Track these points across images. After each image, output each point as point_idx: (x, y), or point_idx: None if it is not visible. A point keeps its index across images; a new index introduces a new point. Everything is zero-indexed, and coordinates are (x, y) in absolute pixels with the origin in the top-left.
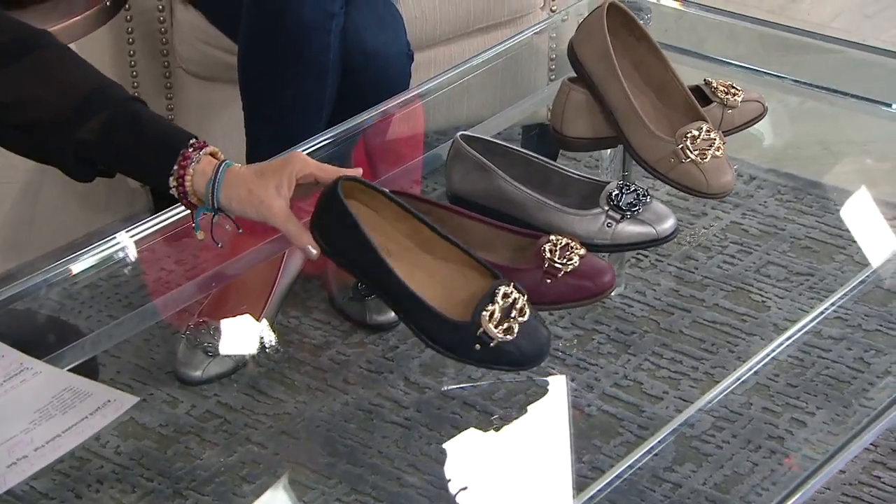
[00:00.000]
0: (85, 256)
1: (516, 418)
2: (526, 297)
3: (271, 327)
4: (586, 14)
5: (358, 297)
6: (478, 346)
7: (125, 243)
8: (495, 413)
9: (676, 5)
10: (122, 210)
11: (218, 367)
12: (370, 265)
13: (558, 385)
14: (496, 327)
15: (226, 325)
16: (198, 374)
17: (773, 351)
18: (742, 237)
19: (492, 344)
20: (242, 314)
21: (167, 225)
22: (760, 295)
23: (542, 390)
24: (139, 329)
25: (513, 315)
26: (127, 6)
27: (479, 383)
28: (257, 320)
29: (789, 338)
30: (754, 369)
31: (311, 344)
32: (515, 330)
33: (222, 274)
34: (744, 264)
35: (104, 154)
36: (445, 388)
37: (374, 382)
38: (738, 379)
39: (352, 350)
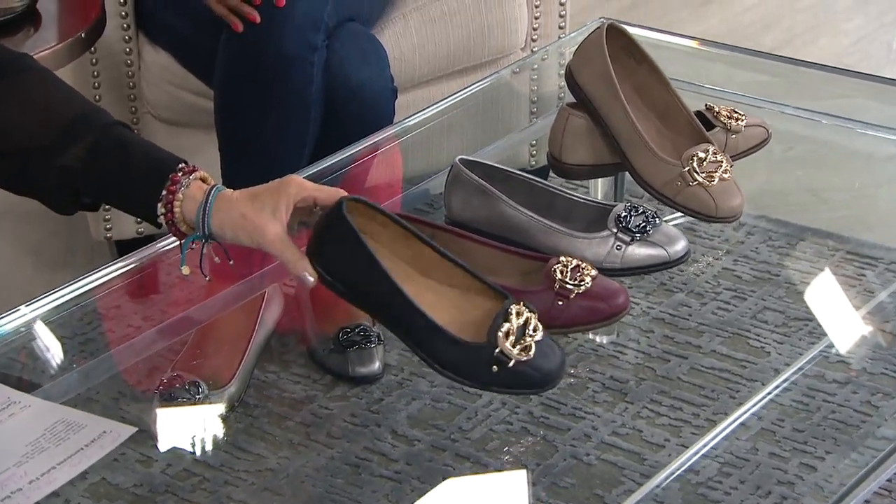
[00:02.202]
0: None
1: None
2: (537, 314)
3: (248, 382)
4: (567, 54)
5: (339, 349)
6: (495, 368)
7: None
8: (489, 464)
9: (665, 38)
10: (81, 268)
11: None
12: (376, 287)
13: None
14: (513, 346)
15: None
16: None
17: (775, 393)
18: (735, 283)
19: (510, 364)
20: (218, 368)
21: (129, 271)
22: (759, 340)
23: (537, 441)
24: (98, 380)
25: (528, 333)
26: (93, 49)
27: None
28: (234, 374)
29: (792, 382)
30: (758, 413)
31: (292, 398)
32: (532, 349)
33: (192, 320)
34: (739, 310)
35: (89, 182)
36: None
37: (359, 436)
38: (742, 423)
39: (334, 404)
